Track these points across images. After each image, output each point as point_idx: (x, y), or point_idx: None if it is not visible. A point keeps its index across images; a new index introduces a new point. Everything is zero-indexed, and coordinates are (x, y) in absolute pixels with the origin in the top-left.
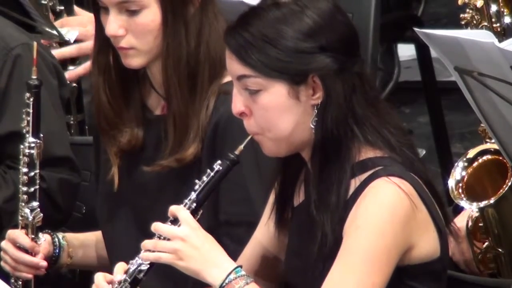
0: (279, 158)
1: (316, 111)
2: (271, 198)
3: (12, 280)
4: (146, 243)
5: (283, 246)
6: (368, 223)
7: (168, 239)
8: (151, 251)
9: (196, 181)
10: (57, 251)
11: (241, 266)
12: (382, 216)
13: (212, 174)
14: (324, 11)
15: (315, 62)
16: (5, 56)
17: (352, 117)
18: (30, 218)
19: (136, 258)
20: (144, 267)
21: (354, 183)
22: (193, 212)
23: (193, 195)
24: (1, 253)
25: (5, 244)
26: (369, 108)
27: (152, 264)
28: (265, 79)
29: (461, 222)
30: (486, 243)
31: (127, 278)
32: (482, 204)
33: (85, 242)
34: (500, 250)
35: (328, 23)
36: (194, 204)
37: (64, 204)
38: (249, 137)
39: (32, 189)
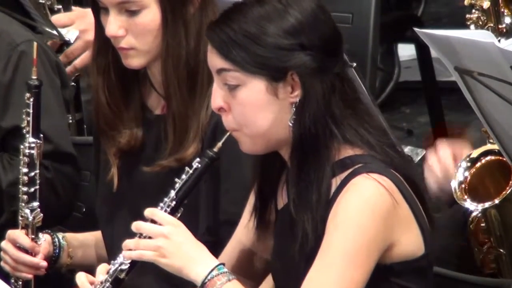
0: (258, 159)
1: (294, 109)
2: (251, 199)
3: (12, 280)
4: (128, 243)
5: (265, 245)
6: (348, 219)
7: (150, 238)
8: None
9: (176, 179)
10: (57, 251)
11: (223, 264)
12: (363, 211)
13: (191, 171)
14: (307, 10)
15: (294, 59)
16: (11, 51)
17: (330, 117)
18: (30, 218)
19: (118, 258)
20: (125, 267)
21: (335, 182)
22: (173, 210)
23: (172, 194)
24: (1, 253)
25: (5, 244)
26: (347, 110)
27: (133, 263)
28: (244, 74)
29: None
30: (488, 244)
31: (108, 278)
32: (487, 205)
33: (85, 242)
34: (501, 250)
35: (310, 22)
36: (174, 203)
37: (64, 196)
38: (227, 134)
39: (32, 189)
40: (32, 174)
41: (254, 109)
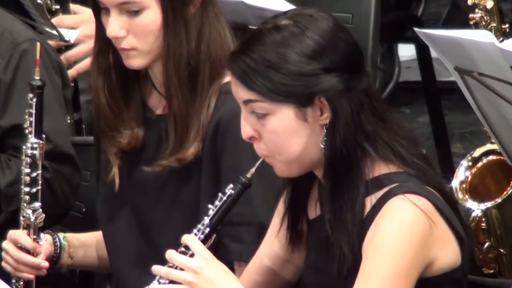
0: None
1: (325, 131)
2: (278, 214)
3: (13, 281)
4: (160, 270)
5: (294, 262)
6: (387, 243)
7: (182, 269)
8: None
9: (209, 205)
10: (58, 251)
11: None
12: (401, 235)
13: (224, 198)
14: (325, 31)
15: (320, 84)
16: (12, 50)
17: (363, 134)
18: (32, 218)
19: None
20: None
21: (370, 201)
22: (207, 237)
23: (206, 220)
24: (3, 254)
25: (6, 244)
26: (378, 123)
27: None
28: (271, 104)
29: None
30: (488, 243)
31: None
32: (489, 204)
33: (86, 243)
34: (501, 250)
35: (330, 43)
36: (208, 229)
37: (62, 196)
38: (260, 160)
39: (34, 190)
40: (34, 174)
41: (285, 136)
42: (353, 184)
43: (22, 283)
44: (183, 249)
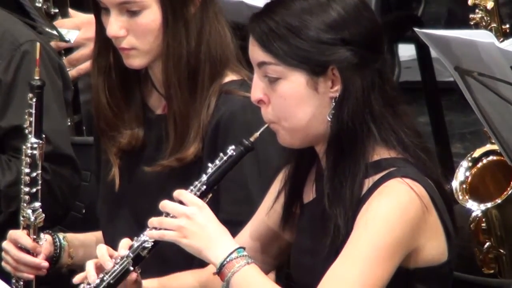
0: (292, 150)
1: (333, 104)
2: (274, 187)
3: (13, 281)
4: (152, 220)
5: (288, 233)
6: (378, 218)
7: (174, 217)
8: (156, 229)
9: (209, 164)
10: (58, 251)
11: (243, 248)
12: (392, 212)
13: (225, 158)
14: (350, 5)
15: (335, 54)
16: (14, 51)
17: (369, 114)
18: (32, 218)
19: (141, 235)
20: (148, 245)
21: (368, 182)
22: (203, 195)
23: (204, 178)
24: (3, 254)
25: (6, 244)
26: (386, 107)
27: (156, 243)
28: (285, 67)
29: None
30: (488, 243)
31: (130, 254)
32: (489, 205)
33: (86, 242)
34: (501, 250)
35: (353, 17)
36: (204, 187)
37: (62, 198)
38: (265, 126)
39: (34, 190)
40: (34, 174)
41: (294, 102)
42: (355, 160)
43: (22, 283)
44: (177, 202)
